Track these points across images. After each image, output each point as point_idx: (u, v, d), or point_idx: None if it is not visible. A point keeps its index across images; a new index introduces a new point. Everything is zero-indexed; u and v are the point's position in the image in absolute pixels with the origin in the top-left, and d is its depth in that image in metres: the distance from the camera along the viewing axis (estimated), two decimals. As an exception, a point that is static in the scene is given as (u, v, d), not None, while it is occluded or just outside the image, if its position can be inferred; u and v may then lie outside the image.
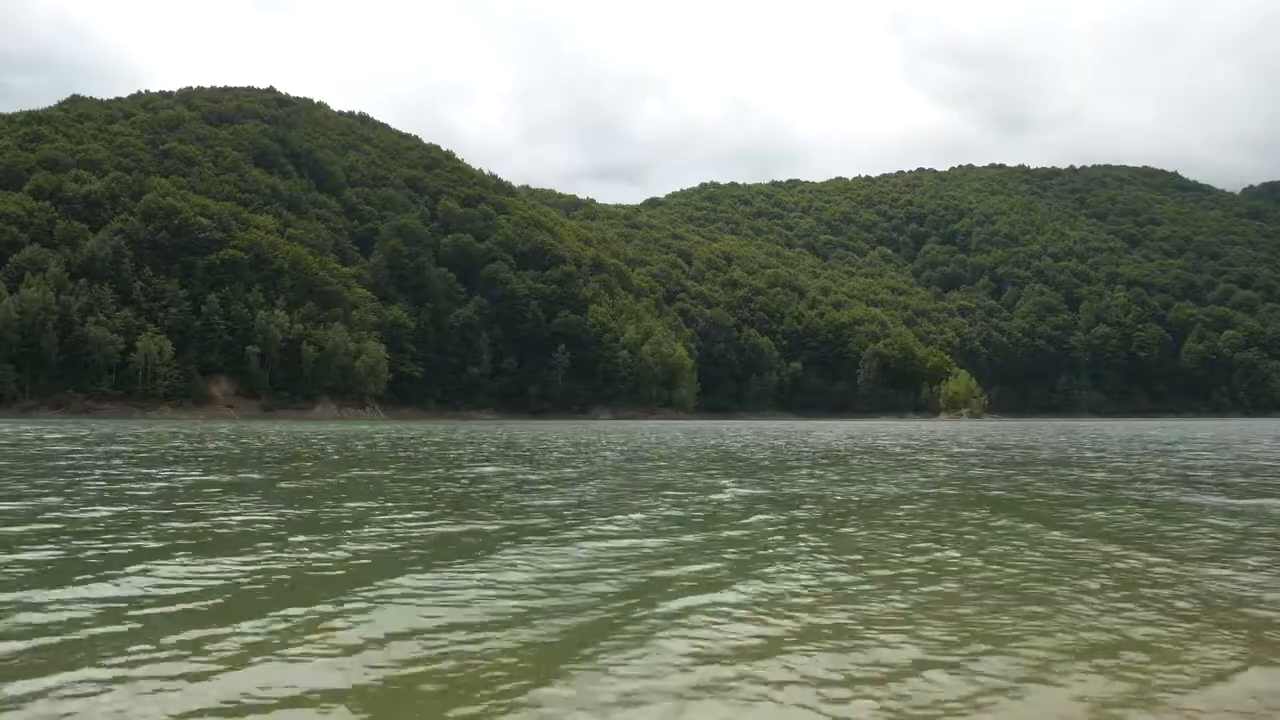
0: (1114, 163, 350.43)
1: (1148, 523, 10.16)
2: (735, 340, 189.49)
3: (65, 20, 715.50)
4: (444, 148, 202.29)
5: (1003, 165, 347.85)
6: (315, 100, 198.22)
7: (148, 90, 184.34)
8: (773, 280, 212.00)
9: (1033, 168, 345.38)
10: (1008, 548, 8.26)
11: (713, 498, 13.34)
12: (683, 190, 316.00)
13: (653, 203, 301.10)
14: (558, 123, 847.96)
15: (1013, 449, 32.14)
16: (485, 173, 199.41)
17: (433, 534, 8.97)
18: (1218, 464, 21.84)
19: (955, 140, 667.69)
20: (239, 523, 9.79)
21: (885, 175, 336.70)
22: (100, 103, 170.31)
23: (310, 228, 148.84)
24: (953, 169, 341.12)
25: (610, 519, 10.26)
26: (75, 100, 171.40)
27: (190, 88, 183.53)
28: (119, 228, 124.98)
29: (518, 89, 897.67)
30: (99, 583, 6.39)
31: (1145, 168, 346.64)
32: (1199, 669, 4.56)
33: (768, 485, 15.50)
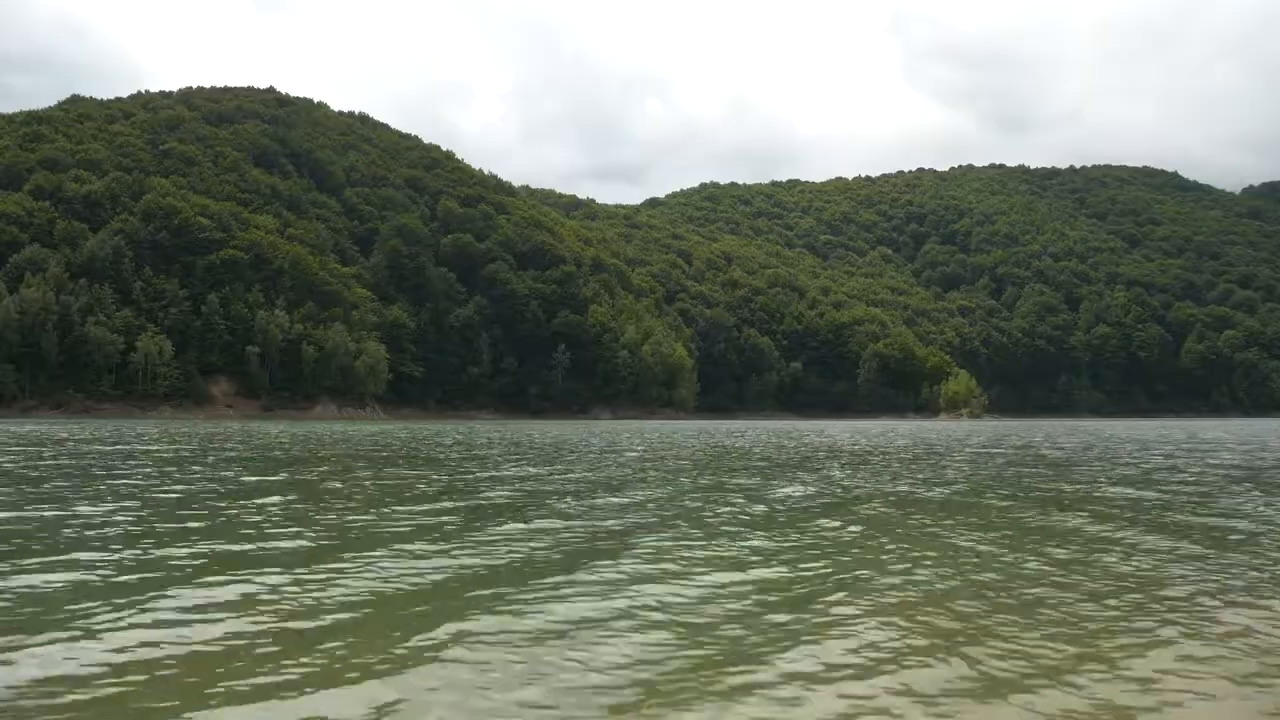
0: (1114, 163, 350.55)
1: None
2: (735, 340, 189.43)
3: (65, 20, 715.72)
4: (444, 148, 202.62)
5: (1003, 165, 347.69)
6: (315, 100, 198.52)
7: (148, 90, 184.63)
8: (773, 280, 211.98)
9: (1033, 168, 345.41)
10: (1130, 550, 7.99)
11: (781, 492, 13.87)
12: (683, 190, 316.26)
13: (653, 203, 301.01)
14: (558, 123, 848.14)
15: (1041, 448, 31.52)
16: (485, 173, 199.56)
17: (564, 539, 8.62)
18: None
19: (955, 140, 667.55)
20: (414, 524, 9.73)
21: (885, 175, 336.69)
22: (100, 103, 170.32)
23: (310, 228, 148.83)
24: (953, 169, 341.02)
25: (717, 518, 10.24)
26: (75, 100, 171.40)
27: (190, 88, 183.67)
28: (119, 228, 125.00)
29: (518, 89, 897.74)
30: (339, 579, 6.43)
31: (1145, 168, 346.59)
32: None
33: (825, 483, 15.98)
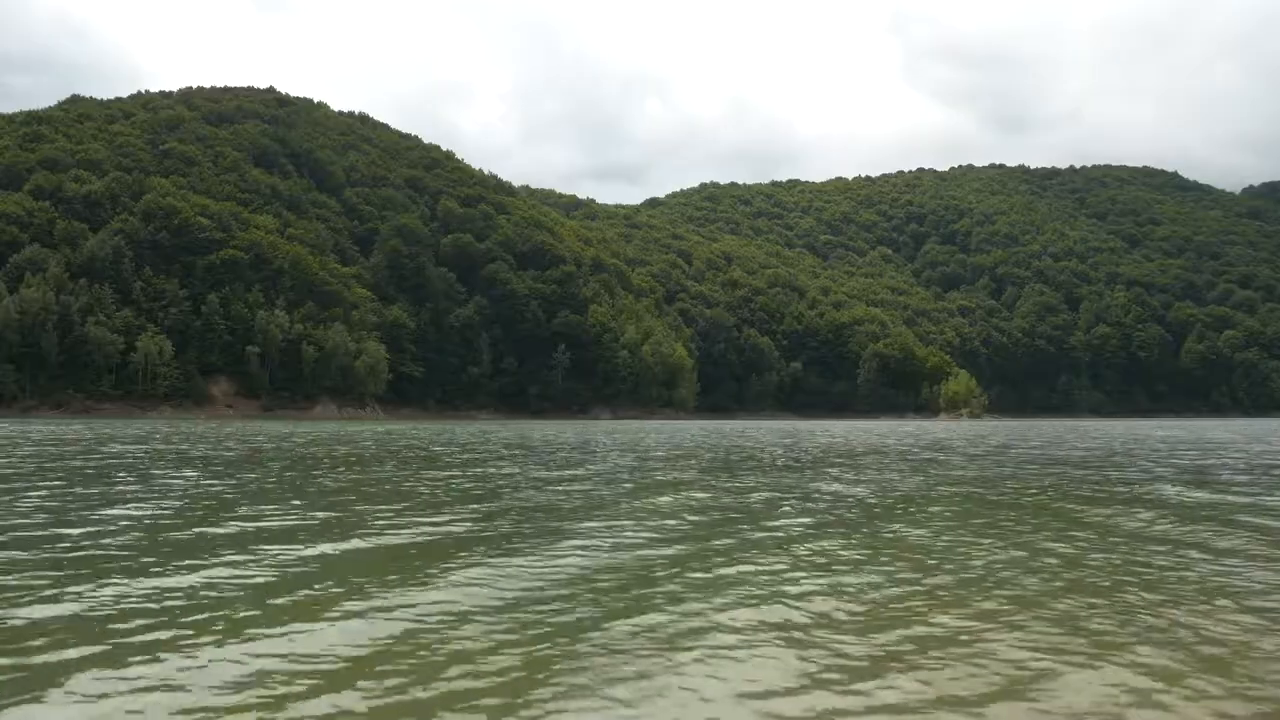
0: (1114, 163, 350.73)
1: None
2: (735, 340, 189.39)
3: (65, 20, 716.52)
4: (444, 148, 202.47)
5: (1003, 165, 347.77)
6: (315, 100, 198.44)
7: (148, 90, 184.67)
8: (773, 280, 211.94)
9: (1033, 168, 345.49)
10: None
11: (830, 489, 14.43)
12: (683, 190, 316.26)
13: (653, 203, 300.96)
14: (558, 123, 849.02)
15: (1066, 449, 31.39)
16: (485, 173, 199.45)
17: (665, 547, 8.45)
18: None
19: (955, 140, 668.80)
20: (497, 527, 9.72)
21: (885, 175, 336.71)
22: (100, 103, 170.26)
23: (310, 228, 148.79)
24: (953, 169, 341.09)
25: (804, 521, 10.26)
26: (75, 100, 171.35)
27: (190, 88, 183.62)
28: (119, 228, 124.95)
29: (518, 89, 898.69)
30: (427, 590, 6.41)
31: (1145, 168, 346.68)
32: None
33: (869, 480, 16.44)
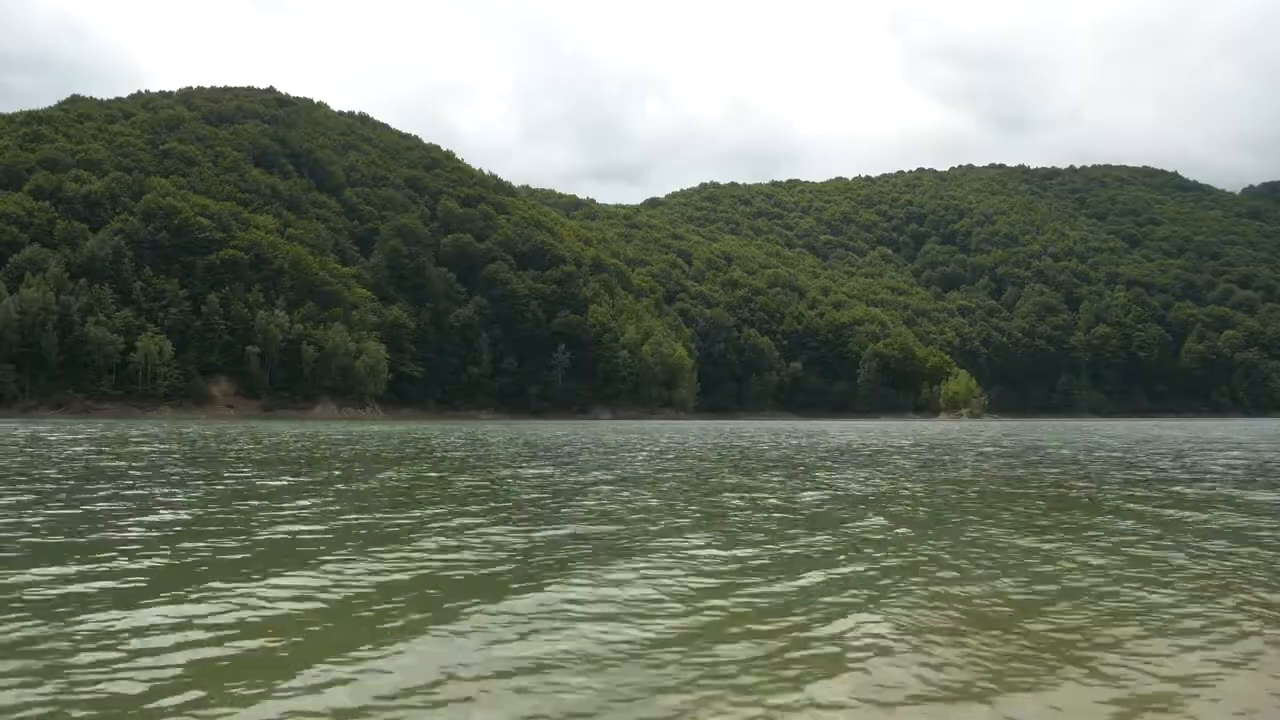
0: (1114, 163, 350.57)
1: None
2: (735, 340, 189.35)
3: (65, 20, 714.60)
4: (444, 148, 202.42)
5: (1003, 165, 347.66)
6: (315, 100, 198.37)
7: (148, 90, 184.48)
8: (773, 280, 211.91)
9: (1033, 168, 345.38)
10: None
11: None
12: (683, 190, 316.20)
13: (653, 203, 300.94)
14: (558, 123, 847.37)
15: (1093, 450, 31.26)
16: (485, 173, 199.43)
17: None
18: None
19: (955, 140, 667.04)
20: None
21: (885, 175, 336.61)
22: (100, 103, 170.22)
23: (310, 228, 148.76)
24: (953, 169, 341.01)
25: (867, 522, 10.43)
26: (75, 100, 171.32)
27: (190, 88, 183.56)
28: (119, 228, 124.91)
29: (518, 89, 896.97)
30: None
31: (1145, 168, 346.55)
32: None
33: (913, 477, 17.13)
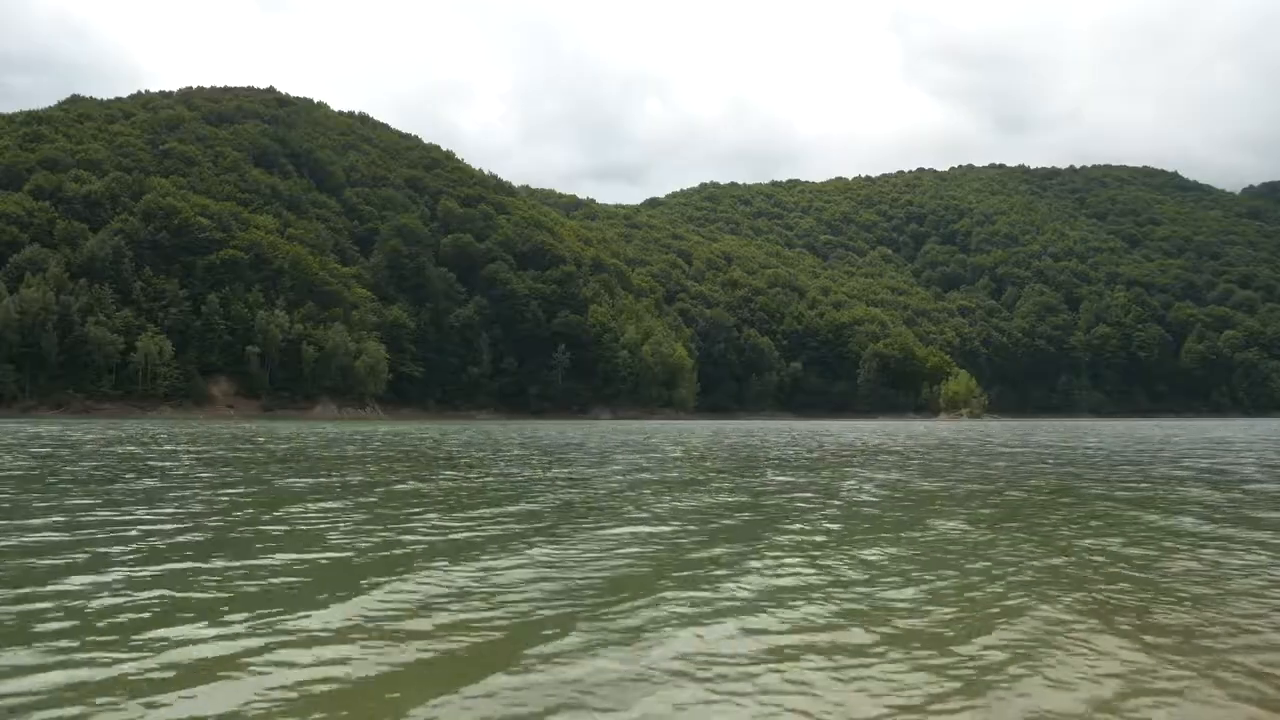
0: (1114, 163, 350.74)
1: None
2: (735, 340, 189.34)
3: (65, 20, 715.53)
4: (444, 148, 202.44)
5: (1003, 165, 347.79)
6: (315, 100, 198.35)
7: (148, 90, 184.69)
8: (773, 280, 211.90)
9: (1033, 168, 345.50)
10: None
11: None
12: (683, 190, 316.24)
13: (653, 203, 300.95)
14: (558, 123, 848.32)
15: (1131, 448, 31.16)
16: (485, 173, 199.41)
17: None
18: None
19: (955, 140, 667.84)
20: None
21: (885, 175, 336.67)
22: (100, 103, 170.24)
23: (310, 228, 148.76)
24: (953, 169, 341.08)
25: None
26: (75, 100, 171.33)
27: (190, 88, 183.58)
28: (119, 228, 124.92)
29: (518, 89, 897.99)
30: None
31: (1145, 168, 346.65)
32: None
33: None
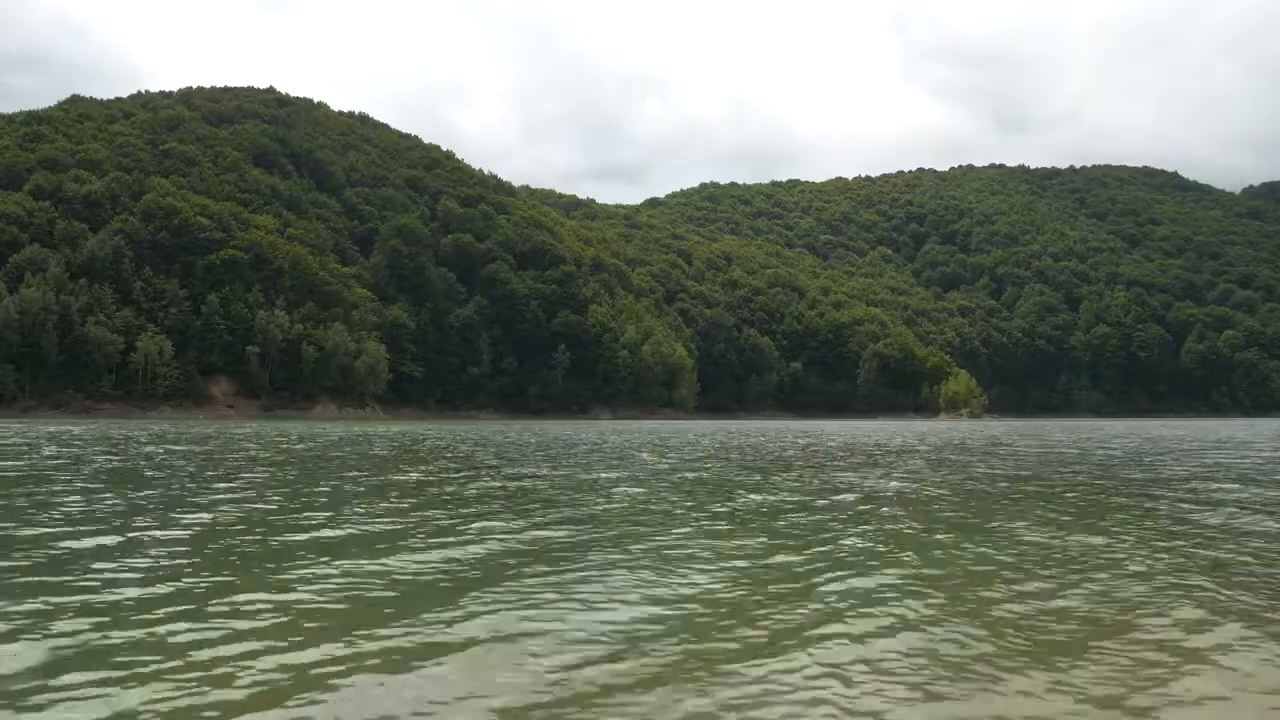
0: (1114, 163, 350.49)
1: None
2: (735, 340, 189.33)
3: (65, 20, 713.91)
4: (444, 148, 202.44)
5: (1003, 165, 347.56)
6: (315, 100, 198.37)
7: (148, 90, 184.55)
8: (773, 280, 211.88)
9: (1033, 168, 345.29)
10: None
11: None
12: (683, 190, 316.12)
13: (653, 203, 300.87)
14: (558, 123, 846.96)
15: (1155, 450, 31.01)
16: (485, 173, 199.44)
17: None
18: None
19: (955, 140, 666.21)
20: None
21: (885, 175, 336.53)
22: (100, 103, 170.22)
23: (310, 228, 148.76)
24: (953, 169, 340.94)
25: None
26: (75, 100, 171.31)
27: (190, 88, 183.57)
28: (119, 228, 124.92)
29: (518, 89, 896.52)
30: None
31: (1145, 168, 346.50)
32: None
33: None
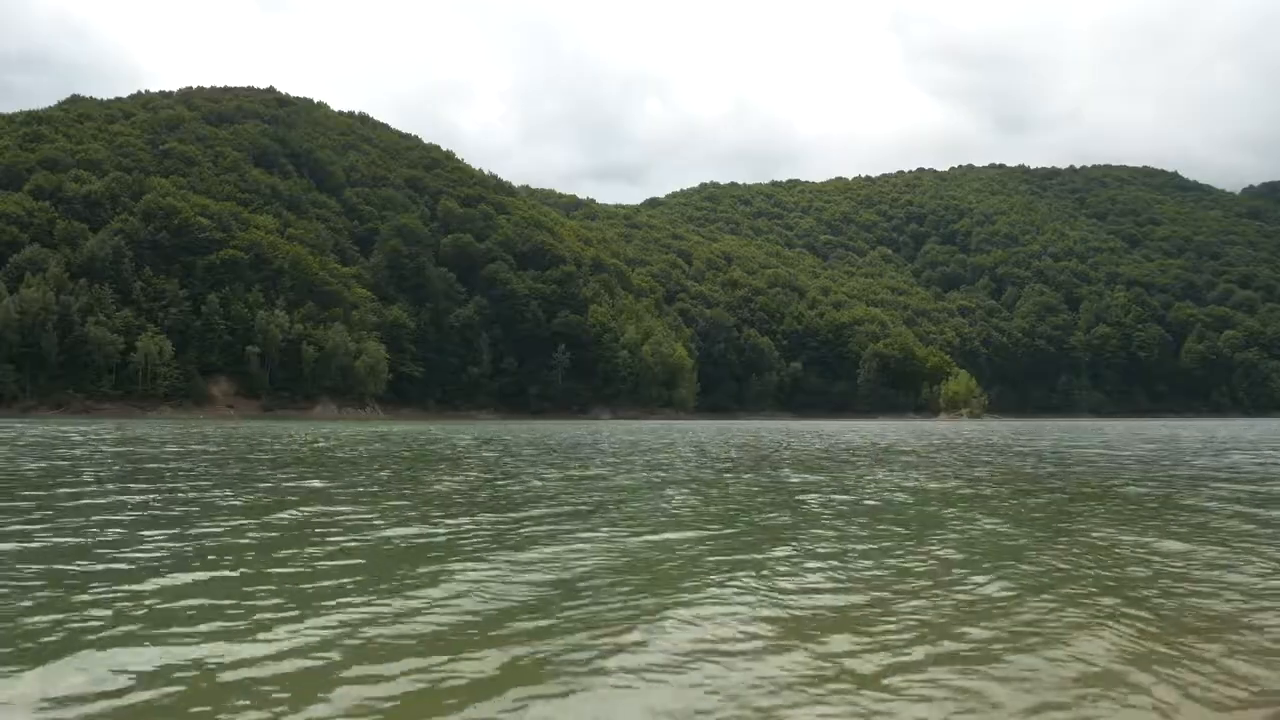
0: (1114, 163, 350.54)
1: None
2: (735, 340, 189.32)
3: (65, 20, 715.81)
4: (444, 148, 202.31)
5: (1003, 165, 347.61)
6: (315, 100, 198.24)
7: (148, 90, 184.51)
8: (773, 280, 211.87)
9: (1033, 168, 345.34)
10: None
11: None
12: (683, 190, 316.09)
13: (653, 203, 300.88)
14: (558, 123, 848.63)
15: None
16: (485, 173, 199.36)
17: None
18: None
19: (955, 140, 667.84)
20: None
21: (885, 175, 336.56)
22: (100, 103, 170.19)
23: (310, 228, 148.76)
24: (953, 169, 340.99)
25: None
26: (75, 100, 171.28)
27: (190, 88, 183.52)
28: (119, 228, 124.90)
29: (518, 89, 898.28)
30: None
31: (1145, 168, 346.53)
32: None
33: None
